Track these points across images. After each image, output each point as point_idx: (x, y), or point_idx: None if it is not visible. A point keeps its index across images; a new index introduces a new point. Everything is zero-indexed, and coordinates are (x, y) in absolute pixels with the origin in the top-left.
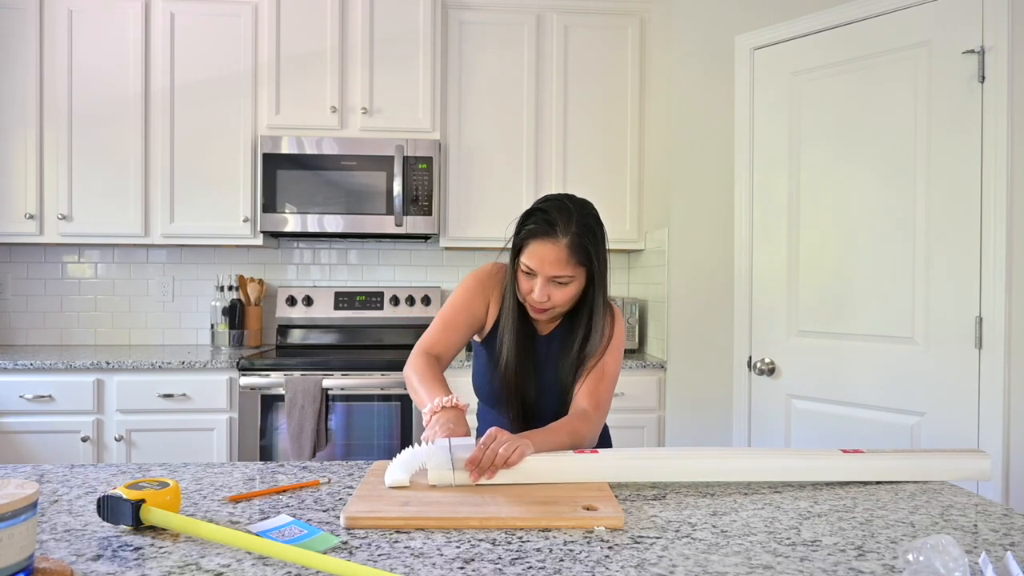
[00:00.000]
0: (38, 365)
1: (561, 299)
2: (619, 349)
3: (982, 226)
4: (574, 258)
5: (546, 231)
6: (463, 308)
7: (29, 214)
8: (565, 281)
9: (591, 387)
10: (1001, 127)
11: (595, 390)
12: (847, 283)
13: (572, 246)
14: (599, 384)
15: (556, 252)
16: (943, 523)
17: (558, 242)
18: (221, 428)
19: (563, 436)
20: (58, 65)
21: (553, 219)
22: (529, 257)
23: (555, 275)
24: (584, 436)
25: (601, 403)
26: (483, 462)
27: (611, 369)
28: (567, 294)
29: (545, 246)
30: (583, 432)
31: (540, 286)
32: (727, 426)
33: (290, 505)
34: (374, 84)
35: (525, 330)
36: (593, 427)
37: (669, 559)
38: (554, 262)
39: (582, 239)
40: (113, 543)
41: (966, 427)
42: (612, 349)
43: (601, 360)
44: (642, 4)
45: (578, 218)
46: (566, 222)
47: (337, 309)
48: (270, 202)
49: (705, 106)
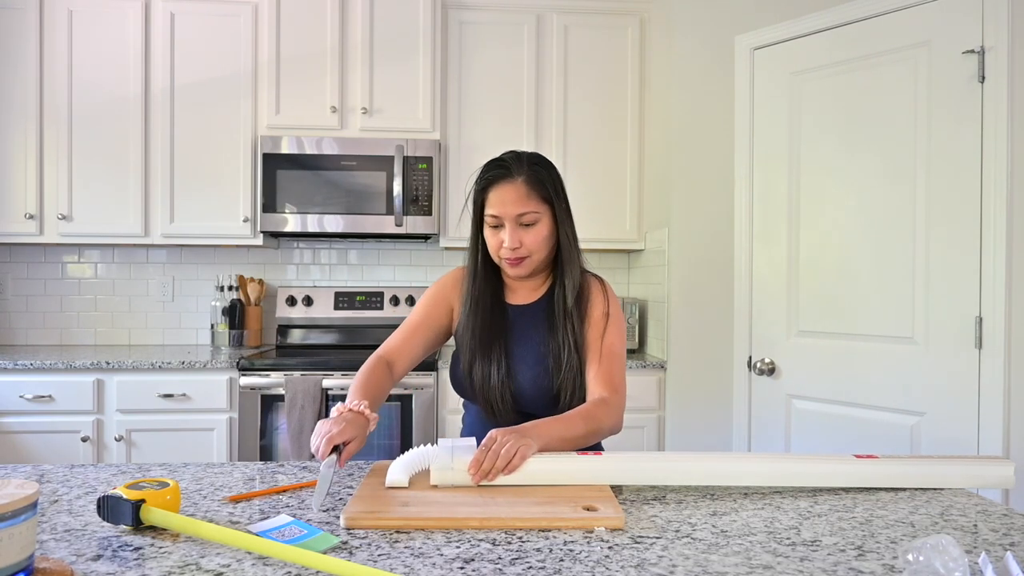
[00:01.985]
0: (38, 365)
1: (533, 242)
2: (620, 323)
3: (982, 226)
4: (535, 193)
5: (501, 174)
6: (424, 316)
7: (29, 214)
8: (532, 220)
9: (601, 370)
10: (1001, 127)
11: (606, 372)
12: (847, 283)
13: (530, 181)
14: (609, 365)
15: (515, 190)
16: (943, 523)
17: (515, 180)
18: (221, 428)
19: (577, 422)
20: (58, 65)
21: (505, 163)
22: (492, 205)
23: (520, 213)
24: (603, 421)
25: (616, 384)
26: (484, 464)
27: (617, 348)
28: (538, 235)
29: (504, 188)
30: (601, 417)
31: (509, 232)
32: (727, 426)
33: (290, 505)
34: (374, 84)
35: (495, 301)
36: (613, 410)
37: (669, 559)
38: (515, 200)
39: (537, 174)
40: (113, 543)
41: (966, 427)
42: (612, 326)
43: (604, 340)
44: (642, 4)
45: (528, 156)
46: (518, 163)
47: (337, 309)
48: (270, 202)
49: (705, 106)
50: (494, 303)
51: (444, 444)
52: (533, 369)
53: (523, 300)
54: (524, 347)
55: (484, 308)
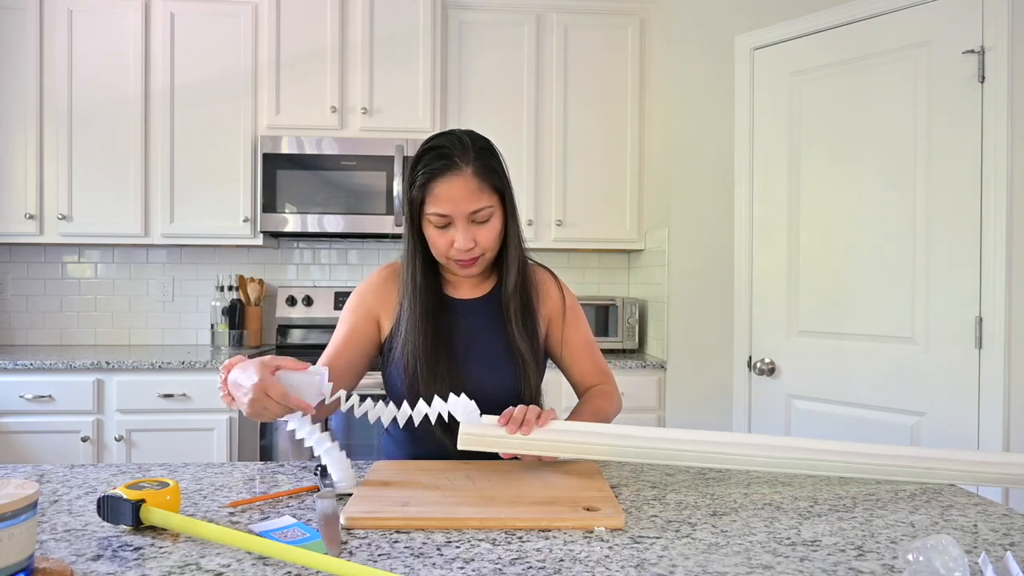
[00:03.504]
0: (38, 365)
1: (487, 239)
2: (580, 311)
3: (982, 226)
4: (486, 184)
5: (446, 165)
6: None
7: (29, 214)
8: (485, 216)
9: (586, 361)
10: (1001, 127)
11: (591, 362)
12: (847, 283)
13: (479, 172)
14: (591, 355)
15: (465, 184)
16: (943, 523)
17: (463, 172)
18: (221, 428)
19: (586, 417)
20: (58, 65)
21: (448, 151)
22: (437, 203)
23: (473, 210)
24: (609, 412)
25: (605, 370)
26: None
27: (590, 336)
28: (492, 231)
29: (451, 182)
30: (607, 408)
31: (461, 231)
32: (727, 426)
33: (291, 505)
34: (374, 84)
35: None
36: (613, 395)
37: (669, 559)
38: (467, 196)
39: (487, 161)
40: (113, 543)
41: (966, 427)
42: (577, 317)
43: (574, 333)
44: (642, 4)
45: (471, 141)
46: (462, 150)
47: (337, 309)
48: (270, 202)
49: (705, 106)
50: (437, 300)
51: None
52: (490, 367)
53: (468, 295)
54: (477, 344)
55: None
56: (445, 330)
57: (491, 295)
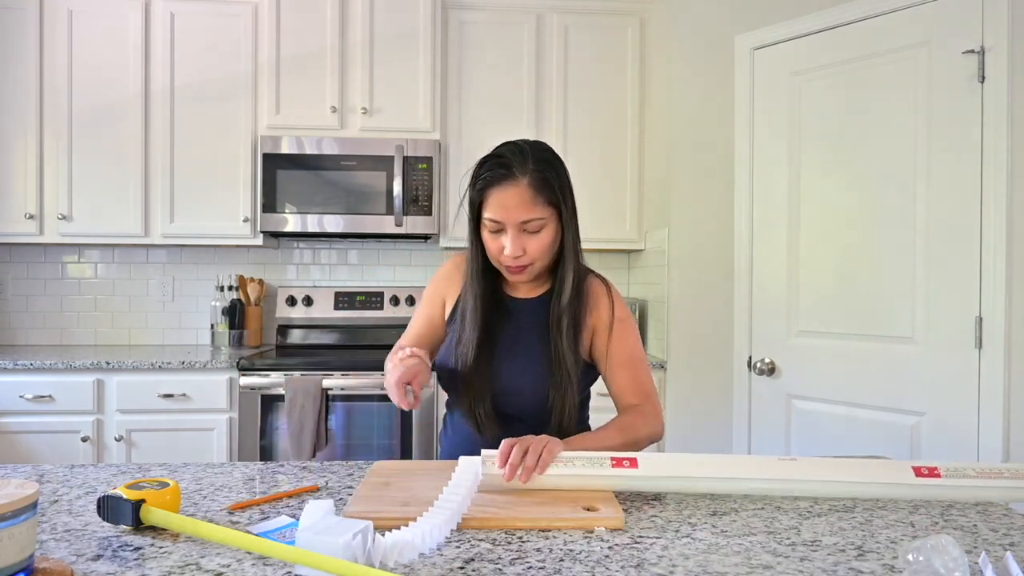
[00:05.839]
0: (38, 365)
1: (537, 249)
2: (632, 326)
3: (982, 226)
4: (540, 197)
5: (504, 175)
6: (424, 316)
7: (29, 214)
8: (536, 227)
9: (626, 378)
10: (1001, 127)
11: (632, 379)
12: (847, 283)
13: (535, 184)
14: (634, 371)
15: (519, 194)
16: (943, 523)
17: (519, 183)
18: (221, 428)
19: (612, 434)
20: (58, 65)
21: (507, 161)
22: (492, 209)
23: (524, 220)
24: (639, 429)
25: (647, 390)
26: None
27: (638, 352)
28: (542, 242)
29: (506, 191)
30: (637, 425)
31: (512, 239)
32: (727, 426)
33: (291, 505)
34: (374, 84)
35: (496, 294)
36: (649, 417)
37: (669, 559)
38: (519, 205)
39: (544, 174)
40: (113, 543)
41: (966, 427)
42: (626, 330)
43: (621, 347)
44: (642, 4)
45: (533, 153)
46: (522, 160)
47: (337, 309)
48: (270, 202)
49: (705, 106)
50: (492, 296)
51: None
52: (525, 369)
53: (524, 295)
54: (520, 345)
55: (481, 302)
56: (493, 327)
57: (545, 298)
